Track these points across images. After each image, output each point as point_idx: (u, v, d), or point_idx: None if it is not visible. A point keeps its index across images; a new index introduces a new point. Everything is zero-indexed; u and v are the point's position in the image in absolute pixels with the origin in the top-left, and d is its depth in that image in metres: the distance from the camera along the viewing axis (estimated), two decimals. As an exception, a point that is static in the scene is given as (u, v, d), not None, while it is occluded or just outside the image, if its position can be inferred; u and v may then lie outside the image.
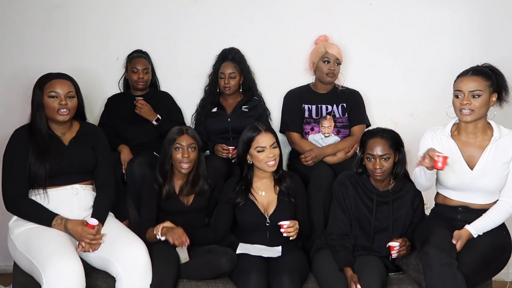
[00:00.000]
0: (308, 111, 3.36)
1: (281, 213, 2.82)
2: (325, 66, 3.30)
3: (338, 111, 3.36)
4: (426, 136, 2.69)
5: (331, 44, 3.37)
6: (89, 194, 2.74)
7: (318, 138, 3.32)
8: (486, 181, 2.58)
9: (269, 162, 2.79)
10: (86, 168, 2.74)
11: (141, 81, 3.41)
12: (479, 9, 3.53)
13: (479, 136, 2.62)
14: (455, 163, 2.60)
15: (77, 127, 2.76)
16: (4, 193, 2.62)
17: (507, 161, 2.58)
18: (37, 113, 2.64)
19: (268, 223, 2.82)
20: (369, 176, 2.83)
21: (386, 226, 2.80)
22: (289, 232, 2.70)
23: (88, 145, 2.75)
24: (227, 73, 3.39)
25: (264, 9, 3.57)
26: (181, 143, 2.86)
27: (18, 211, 2.62)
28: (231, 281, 2.72)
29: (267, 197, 2.88)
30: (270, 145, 2.80)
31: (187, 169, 2.86)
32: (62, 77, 2.69)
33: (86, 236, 2.56)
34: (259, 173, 2.87)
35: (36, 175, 2.58)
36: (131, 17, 3.57)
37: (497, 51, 3.52)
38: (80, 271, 2.42)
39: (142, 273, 2.54)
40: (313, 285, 2.74)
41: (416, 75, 3.57)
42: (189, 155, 2.85)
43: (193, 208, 2.94)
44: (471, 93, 2.51)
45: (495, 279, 2.80)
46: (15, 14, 3.53)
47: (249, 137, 2.81)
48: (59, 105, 2.62)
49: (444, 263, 2.44)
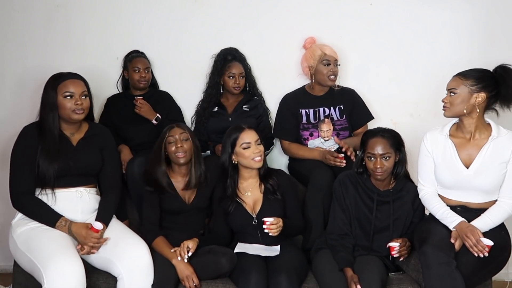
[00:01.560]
0: (306, 116, 3.33)
1: (268, 210, 2.83)
2: (326, 68, 3.27)
3: (336, 114, 3.33)
4: (425, 140, 2.74)
5: (325, 45, 3.36)
6: (93, 198, 2.74)
7: (318, 143, 3.31)
8: (482, 179, 2.60)
9: (256, 157, 2.81)
10: (92, 169, 2.74)
11: (143, 80, 3.40)
12: (479, 9, 3.53)
13: (477, 135, 2.65)
14: (451, 161, 2.65)
15: (86, 127, 2.77)
16: (11, 189, 2.63)
17: (505, 160, 2.60)
18: (50, 113, 2.63)
19: (255, 222, 2.83)
20: (370, 176, 2.83)
21: (386, 225, 2.80)
22: (271, 229, 2.71)
23: (96, 147, 2.75)
24: (237, 73, 3.39)
25: (264, 9, 3.56)
26: (173, 135, 2.88)
27: (23, 208, 2.63)
28: (231, 281, 2.72)
29: (253, 197, 2.89)
30: (255, 141, 2.82)
31: (183, 157, 2.87)
32: (75, 77, 2.69)
33: (90, 240, 2.56)
34: (245, 173, 2.89)
35: (45, 175, 2.59)
36: (131, 17, 3.57)
37: (497, 51, 3.51)
38: (81, 271, 2.43)
39: (143, 273, 2.55)
40: (313, 285, 2.74)
41: (416, 75, 3.57)
42: (182, 144, 2.86)
43: (194, 206, 2.94)
44: (448, 91, 2.66)
45: (495, 279, 2.81)
46: (16, 14, 3.53)
47: (233, 137, 2.83)
48: (75, 105, 2.63)
49: (442, 262, 2.45)
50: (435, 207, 2.68)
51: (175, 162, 2.91)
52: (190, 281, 2.64)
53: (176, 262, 2.68)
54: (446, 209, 2.66)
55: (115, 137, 3.32)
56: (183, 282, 2.65)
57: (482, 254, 2.48)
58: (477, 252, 2.49)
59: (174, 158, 2.89)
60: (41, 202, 2.61)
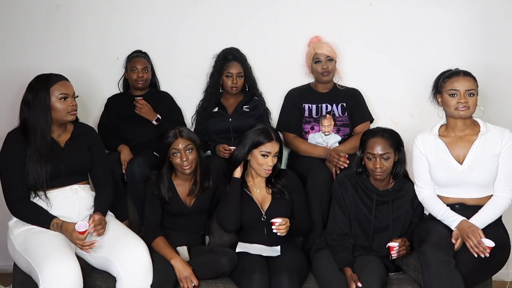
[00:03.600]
0: (308, 110, 3.37)
1: (276, 209, 2.84)
2: (318, 66, 3.33)
3: (338, 111, 3.36)
4: (417, 142, 2.76)
5: (321, 44, 3.39)
6: (88, 193, 2.75)
7: (318, 137, 3.33)
8: (476, 173, 2.63)
9: (267, 169, 2.82)
10: (83, 168, 2.75)
11: (141, 80, 3.40)
12: (479, 9, 3.53)
13: (467, 132, 2.69)
14: (444, 160, 2.68)
15: (71, 128, 2.76)
16: (6, 197, 2.62)
17: (496, 154, 2.64)
18: (43, 116, 2.60)
19: (264, 218, 2.83)
20: (369, 176, 2.83)
21: (385, 225, 2.80)
22: (280, 229, 2.72)
23: (84, 146, 2.75)
24: (235, 73, 3.39)
25: (264, 9, 3.57)
26: (177, 147, 2.85)
27: (20, 214, 2.62)
28: (232, 281, 2.72)
29: (261, 194, 2.90)
30: (274, 153, 2.82)
31: (189, 168, 2.86)
32: (64, 78, 2.70)
33: (75, 242, 2.54)
34: (253, 172, 2.90)
35: (38, 179, 2.57)
36: (131, 17, 3.57)
37: (497, 51, 3.53)
38: (77, 272, 2.43)
39: (142, 273, 2.55)
40: (313, 285, 2.74)
41: (416, 75, 3.56)
42: (187, 157, 2.84)
43: (195, 209, 2.94)
44: (467, 92, 2.63)
45: (495, 279, 2.80)
46: (16, 14, 3.54)
47: (260, 140, 2.82)
48: (70, 107, 2.63)
49: (442, 261, 2.46)
50: (436, 209, 2.69)
51: (181, 172, 2.89)
52: (189, 282, 2.64)
53: (175, 263, 2.67)
54: (447, 209, 2.66)
55: (115, 137, 3.35)
56: (181, 284, 2.64)
57: (483, 255, 2.48)
58: (477, 253, 2.49)
59: (180, 169, 2.87)
60: (35, 205, 2.60)
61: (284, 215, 2.80)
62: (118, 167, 3.19)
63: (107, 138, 3.25)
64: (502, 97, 3.51)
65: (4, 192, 2.63)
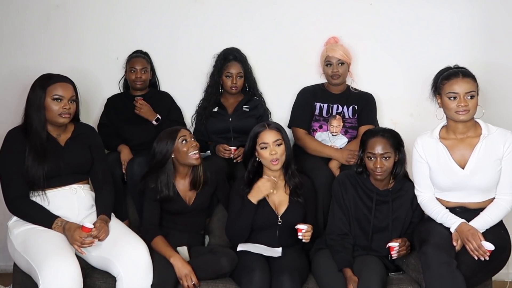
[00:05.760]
0: (319, 109, 3.37)
1: (293, 213, 2.83)
2: (328, 69, 3.33)
3: (348, 112, 3.36)
4: (417, 146, 2.73)
5: (335, 46, 3.37)
6: (88, 193, 2.74)
7: (325, 136, 3.33)
8: (479, 178, 2.60)
9: (273, 160, 2.78)
10: (83, 168, 2.75)
11: (139, 81, 3.40)
12: (479, 9, 3.53)
13: (468, 134, 2.65)
14: (445, 165, 2.64)
15: (71, 127, 2.76)
16: (5, 195, 2.62)
17: (499, 157, 2.61)
18: (37, 114, 2.61)
19: (280, 222, 2.82)
20: (369, 176, 2.83)
21: (385, 225, 2.80)
22: (306, 236, 2.72)
23: (84, 145, 2.75)
24: (235, 72, 3.39)
25: (264, 9, 3.57)
26: (184, 135, 2.85)
27: (19, 212, 2.62)
28: (232, 281, 2.72)
29: (278, 196, 2.87)
30: (273, 142, 2.79)
31: (198, 158, 2.84)
32: (65, 80, 2.69)
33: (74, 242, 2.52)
34: (268, 172, 2.86)
35: (34, 177, 2.58)
36: (131, 17, 3.57)
37: (497, 51, 3.53)
38: (77, 272, 2.42)
39: (143, 273, 2.54)
40: (313, 285, 2.74)
41: (416, 75, 3.56)
42: (195, 144, 2.85)
43: (195, 207, 2.93)
44: (467, 94, 2.58)
45: (495, 279, 2.80)
46: (15, 14, 3.53)
47: (254, 132, 2.83)
48: (62, 109, 2.62)
49: (443, 262, 2.45)
50: (434, 211, 2.68)
51: (188, 164, 2.86)
52: (189, 280, 2.63)
53: (174, 261, 2.66)
54: (446, 212, 2.65)
55: (115, 137, 3.35)
56: (181, 281, 2.64)
57: (483, 258, 2.48)
58: (477, 256, 2.49)
59: (188, 159, 2.83)
60: (36, 204, 2.60)
61: (299, 219, 2.79)
62: (118, 167, 3.19)
63: (107, 138, 3.25)
64: (502, 96, 3.51)
65: (3, 191, 2.63)
